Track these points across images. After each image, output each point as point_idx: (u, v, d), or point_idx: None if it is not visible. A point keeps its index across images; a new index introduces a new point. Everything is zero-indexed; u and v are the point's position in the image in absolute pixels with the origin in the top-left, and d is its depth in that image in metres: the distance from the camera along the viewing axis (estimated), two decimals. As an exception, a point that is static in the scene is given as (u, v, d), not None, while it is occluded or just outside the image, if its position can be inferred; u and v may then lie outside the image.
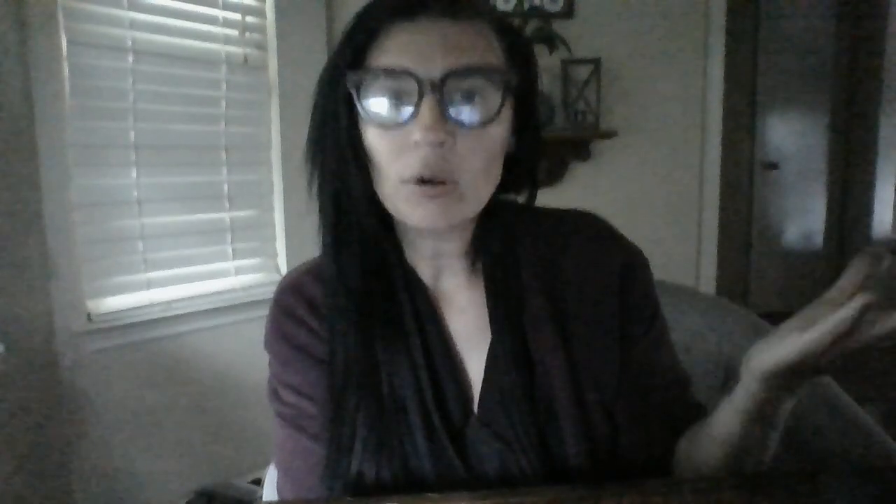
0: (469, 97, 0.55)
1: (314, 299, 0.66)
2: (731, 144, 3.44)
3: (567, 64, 2.60)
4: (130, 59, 1.81)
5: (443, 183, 0.56)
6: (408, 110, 0.55)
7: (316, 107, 0.62)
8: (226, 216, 2.09)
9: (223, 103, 2.06)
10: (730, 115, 3.17)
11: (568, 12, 2.68)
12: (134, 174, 1.84)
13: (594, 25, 2.72)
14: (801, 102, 4.23)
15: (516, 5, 2.62)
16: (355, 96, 0.57)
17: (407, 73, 0.54)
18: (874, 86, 3.97)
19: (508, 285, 0.65)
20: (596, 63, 2.61)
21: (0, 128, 1.53)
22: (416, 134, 0.54)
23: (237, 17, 2.07)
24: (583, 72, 2.62)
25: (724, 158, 3.00)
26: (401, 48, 0.55)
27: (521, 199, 0.68)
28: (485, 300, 0.65)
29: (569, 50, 2.49)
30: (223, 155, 2.07)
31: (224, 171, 2.08)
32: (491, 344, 0.64)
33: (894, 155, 3.97)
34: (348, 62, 0.57)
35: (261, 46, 2.15)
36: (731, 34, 2.99)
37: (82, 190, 1.72)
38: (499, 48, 0.59)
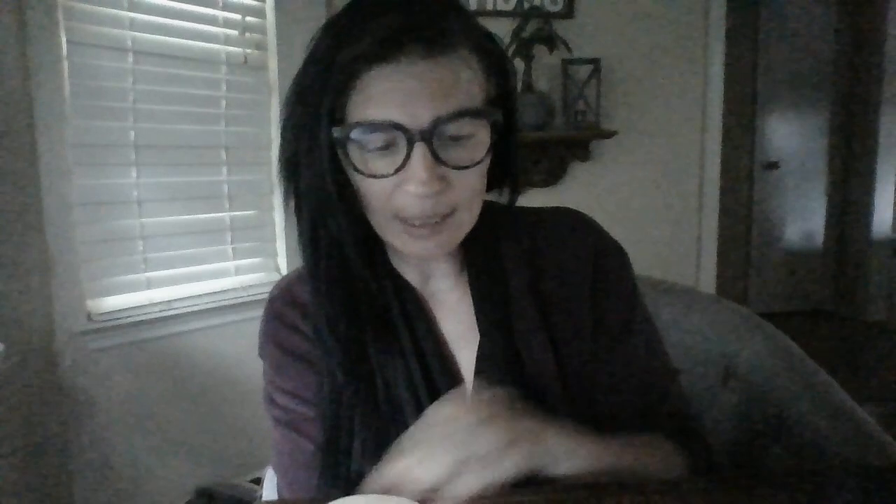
0: (458, 140, 0.55)
1: (306, 305, 0.66)
2: (731, 144, 3.45)
3: (567, 64, 2.60)
4: (130, 59, 1.81)
5: (438, 220, 0.56)
6: (397, 160, 0.54)
7: (287, 124, 0.59)
8: (226, 216, 2.09)
9: (223, 103, 2.06)
10: (730, 115, 3.17)
11: (568, 12, 2.69)
12: (134, 174, 1.84)
13: (594, 25, 2.72)
14: (801, 102, 4.24)
15: (516, 5, 2.63)
16: (340, 151, 0.56)
17: (394, 126, 0.52)
18: (874, 86, 3.97)
19: (494, 284, 0.65)
20: (596, 63, 2.61)
21: (0, 128, 1.53)
22: (410, 185, 0.54)
23: (237, 17, 2.07)
24: (583, 72, 2.62)
25: (724, 158, 3.00)
26: (384, 98, 0.53)
27: (503, 196, 0.68)
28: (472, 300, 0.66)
29: (569, 50, 2.49)
30: (223, 155, 2.07)
31: (224, 171, 2.08)
32: (480, 343, 0.65)
33: (894, 155, 3.98)
34: (328, 111, 0.55)
35: (261, 46, 2.15)
36: (731, 34, 2.99)
37: (82, 190, 1.72)
38: (479, 71, 0.57)
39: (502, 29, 2.47)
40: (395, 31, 0.52)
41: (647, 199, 2.87)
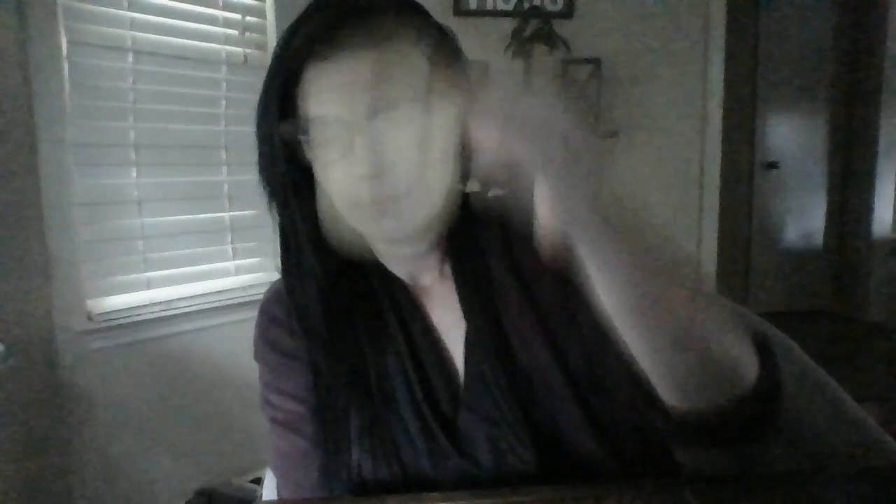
0: (399, 127, 0.56)
1: None
2: (731, 144, 3.44)
3: (567, 64, 2.60)
4: (130, 59, 1.81)
5: (389, 202, 0.58)
6: (342, 149, 0.57)
7: (256, 123, 0.62)
8: (226, 216, 2.09)
9: (223, 103, 2.06)
10: (730, 115, 3.17)
11: (568, 12, 2.69)
12: (134, 174, 1.84)
13: (594, 25, 2.72)
14: (801, 102, 4.23)
15: (516, 5, 2.63)
16: (293, 143, 0.59)
17: (333, 119, 0.56)
18: (874, 86, 3.97)
19: (475, 272, 0.67)
20: (596, 63, 2.61)
21: (0, 128, 1.53)
22: (354, 170, 0.56)
23: (237, 17, 2.07)
24: (583, 72, 2.62)
25: (724, 158, 3.00)
26: (323, 93, 0.56)
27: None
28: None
29: (569, 50, 2.50)
30: (223, 155, 2.07)
31: (224, 171, 2.08)
32: (466, 330, 0.65)
33: (894, 155, 3.97)
34: (278, 106, 0.58)
35: (261, 46, 2.15)
36: (731, 34, 2.99)
37: (82, 189, 1.72)
38: (424, 62, 0.58)
39: (502, 29, 2.47)
40: (329, 29, 0.55)
41: (647, 199, 2.86)
